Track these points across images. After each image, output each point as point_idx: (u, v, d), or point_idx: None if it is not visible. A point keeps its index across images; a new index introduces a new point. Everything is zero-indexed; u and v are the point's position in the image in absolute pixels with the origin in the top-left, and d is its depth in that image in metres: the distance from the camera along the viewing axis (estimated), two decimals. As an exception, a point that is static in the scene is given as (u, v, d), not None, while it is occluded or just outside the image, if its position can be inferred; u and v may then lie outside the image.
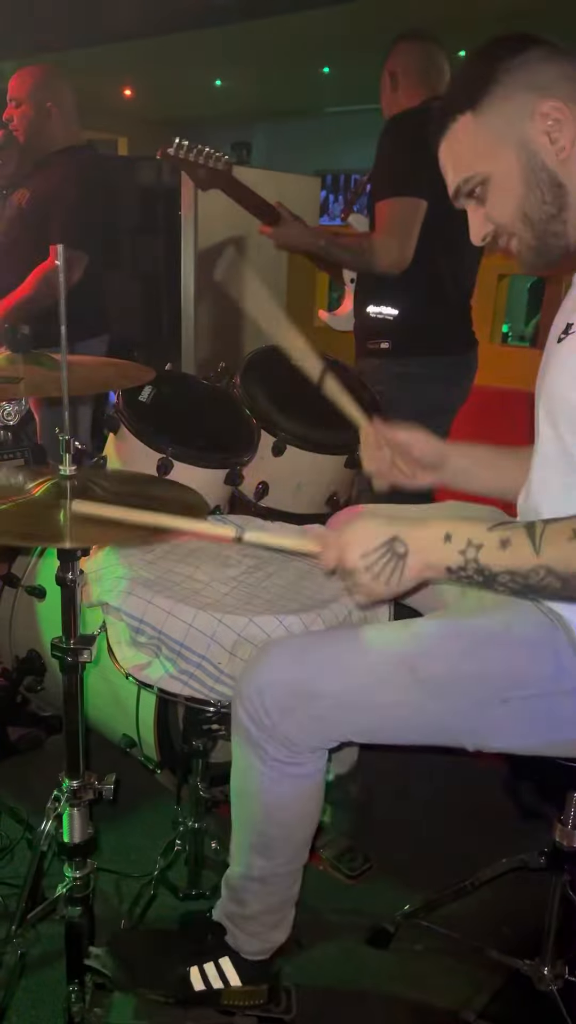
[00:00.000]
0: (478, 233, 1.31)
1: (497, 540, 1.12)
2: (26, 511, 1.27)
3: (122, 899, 1.81)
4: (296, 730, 1.29)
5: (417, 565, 1.17)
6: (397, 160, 2.29)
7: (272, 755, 1.31)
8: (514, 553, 1.11)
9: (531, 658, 1.26)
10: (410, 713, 1.29)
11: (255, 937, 1.47)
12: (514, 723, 1.28)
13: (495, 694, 1.26)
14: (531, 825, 2.05)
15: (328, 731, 1.31)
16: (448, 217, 2.28)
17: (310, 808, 1.41)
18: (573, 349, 1.23)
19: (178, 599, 1.43)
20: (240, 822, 1.41)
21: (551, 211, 1.25)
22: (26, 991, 1.59)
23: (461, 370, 2.53)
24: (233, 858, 1.45)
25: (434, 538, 1.16)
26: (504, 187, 1.25)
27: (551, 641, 1.26)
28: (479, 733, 1.32)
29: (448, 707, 1.28)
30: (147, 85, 9.06)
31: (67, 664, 1.39)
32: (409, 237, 2.24)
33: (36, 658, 2.09)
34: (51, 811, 1.50)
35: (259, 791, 1.35)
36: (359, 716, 1.31)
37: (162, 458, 1.84)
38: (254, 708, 1.29)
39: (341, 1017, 1.58)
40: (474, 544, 1.13)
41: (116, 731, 1.91)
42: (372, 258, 2.28)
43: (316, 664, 1.29)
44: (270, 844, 1.39)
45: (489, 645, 1.28)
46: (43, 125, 2.88)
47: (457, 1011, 1.60)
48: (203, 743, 1.62)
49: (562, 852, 1.53)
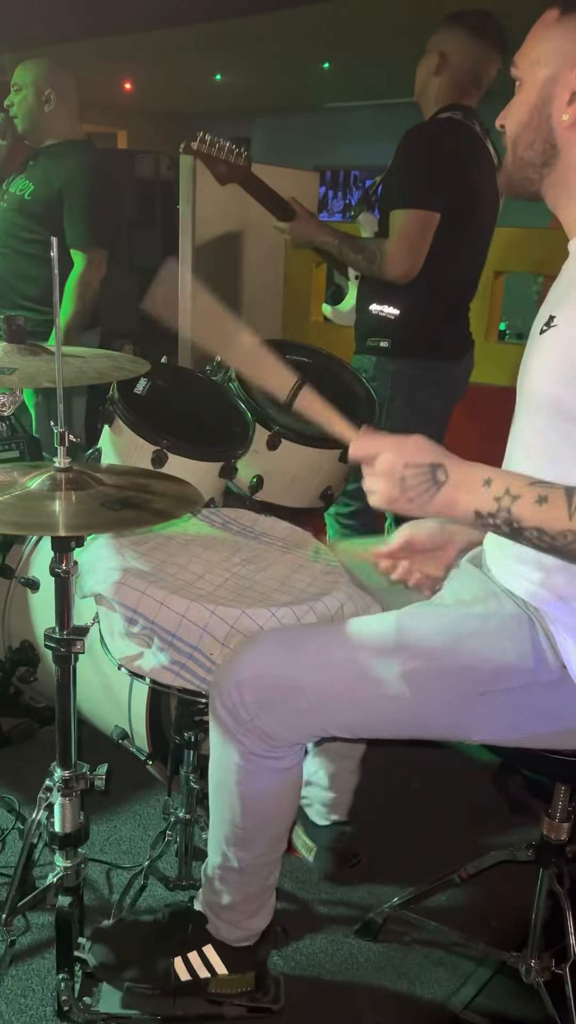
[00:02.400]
0: (500, 118, 1.31)
1: (535, 495, 1.12)
2: (21, 502, 1.28)
3: (112, 889, 1.83)
4: (275, 724, 1.29)
5: (447, 498, 1.17)
6: (417, 170, 2.30)
7: (249, 748, 1.32)
8: (549, 512, 1.11)
9: (510, 651, 1.27)
10: (391, 707, 1.30)
11: (234, 925, 1.47)
12: (495, 716, 1.29)
13: (475, 687, 1.27)
14: (519, 819, 2.06)
15: (308, 726, 1.32)
16: (458, 227, 2.32)
17: (288, 801, 1.42)
18: (556, 341, 1.24)
19: (171, 590, 1.44)
20: (217, 814, 1.42)
21: (533, 159, 1.27)
22: (15, 980, 1.60)
23: (456, 373, 2.56)
24: (210, 848, 1.46)
25: (475, 479, 1.16)
26: (521, 102, 1.27)
27: (530, 635, 1.27)
28: (460, 726, 1.33)
29: (428, 701, 1.29)
30: (147, 79, 9.03)
31: (60, 655, 1.40)
32: (421, 250, 2.27)
33: (29, 649, 2.10)
34: (43, 801, 1.51)
35: (236, 784, 1.35)
36: (340, 711, 1.31)
37: (157, 450, 1.84)
38: (232, 702, 1.30)
39: (329, 1008, 1.59)
40: (511, 494, 1.13)
41: (108, 722, 1.91)
42: (383, 266, 2.30)
43: (297, 659, 1.30)
44: (247, 836, 1.40)
45: (469, 639, 1.29)
46: (42, 114, 2.88)
47: (444, 1002, 1.62)
48: (194, 734, 1.63)
49: (549, 845, 1.54)
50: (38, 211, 2.81)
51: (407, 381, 2.43)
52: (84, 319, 2.86)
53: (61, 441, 1.32)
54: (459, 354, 2.54)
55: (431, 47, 2.40)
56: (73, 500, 1.29)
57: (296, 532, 1.79)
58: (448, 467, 1.18)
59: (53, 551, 1.35)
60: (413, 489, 1.18)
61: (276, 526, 1.80)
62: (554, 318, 1.26)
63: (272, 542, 1.73)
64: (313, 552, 1.69)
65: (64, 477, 1.32)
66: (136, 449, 1.87)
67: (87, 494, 1.31)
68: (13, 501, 1.27)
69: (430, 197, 2.25)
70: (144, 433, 1.86)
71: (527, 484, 1.13)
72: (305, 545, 1.74)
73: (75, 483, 1.32)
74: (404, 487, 1.18)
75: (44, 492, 1.30)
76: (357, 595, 1.52)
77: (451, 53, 2.36)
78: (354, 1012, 1.59)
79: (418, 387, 2.45)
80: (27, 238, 2.85)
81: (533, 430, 1.30)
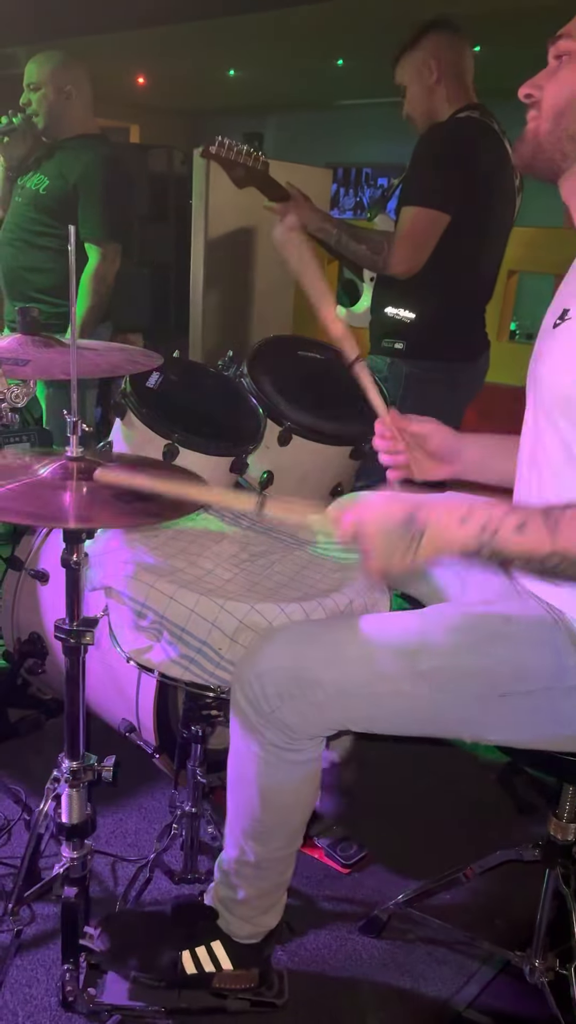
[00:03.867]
0: (526, 87, 1.29)
1: (513, 524, 1.11)
2: (33, 492, 1.28)
3: (118, 882, 1.83)
4: (295, 717, 1.29)
5: (433, 545, 1.16)
6: (434, 169, 2.30)
7: (270, 740, 1.32)
8: (529, 538, 1.10)
9: (532, 654, 1.27)
10: (409, 704, 1.29)
11: (247, 921, 1.48)
12: (513, 717, 1.29)
13: (495, 689, 1.27)
14: (526, 818, 2.06)
15: (327, 719, 1.32)
16: (474, 230, 2.31)
17: (306, 794, 1.42)
18: (571, 334, 1.23)
19: (181, 584, 1.44)
20: (236, 807, 1.42)
21: (574, 134, 1.24)
22: (21, 969, 1.60)
23: (470, 375, 2.56)
24: (227, 843, 1.46)
25: (450, 520, 1.15)
26: (571, 76, 1.24)
27: (552, 638, 1.27)
28: (477, 726, 1.32)
29: (447, 700, 1.29)
30: (161, 74, 9.03)
31: (69, 646, 1.40)
32: (426, 249, 2.27)
33: (38, 640, 2.10)
34: (50, 791, 1.51)
35: (256, 776, 1.36)
36: (358, 705, 1.31)
37: (168, 444, 1.84)
38: (253, 693, 1.30)
39: (332, 1004, 1.59)
40: (489, 528, 1.12)
41: (115, 715, 1.92)
42: (388, 259, 2.31)
43: (317, 652, 1.30)
44: (265, 829, 1.40)
45: (490, 640, 1.29)
46: (63, 109, 2.87)
47: (447, 1001, 1.61)
48: (202, 728, 1.63)
49: (556, 845, 1.54)
50: (52, 206, 2.81)
51: (421, 382, 2.43)
52: (98, 313, 2.86)
53: (74, 430, 1.32)
54: (475, 356, 2.54)
55: (420, 59, 2.39)
56: (84, 491, 1.29)
57: (306, 528, 1.79)
58: (419, 515, 1.17)
59: (64, 542, 1.35)
60: (396, 550, 1.17)
61: (286, 522, 1.80)
62: (568, 311, 1.25)
63: (282, 537, 1.73)
64: (318, 540, 1.69)
65: (76, 466, 1.32)
66: (148, 443, 1.87)
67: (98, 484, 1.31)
68: (25, 490, 1.27)
69: (443, 198, 2.25)
70: (156, 427, 1.86)
71: (502, 514, 1.12)
72: (314, 540, 1.73)
73: (87, 473, 1.32)
74: (387, 552, 1.18)
75: (56, 482, 1.30)
76: (366, 591, 1.52)
77: (441, 59, 2.37)
78: (357, 1008, 1.59)
79: (432, 388, 2.44)
80: (41, 232, 2.85)
81: (546, 427, 1.29)
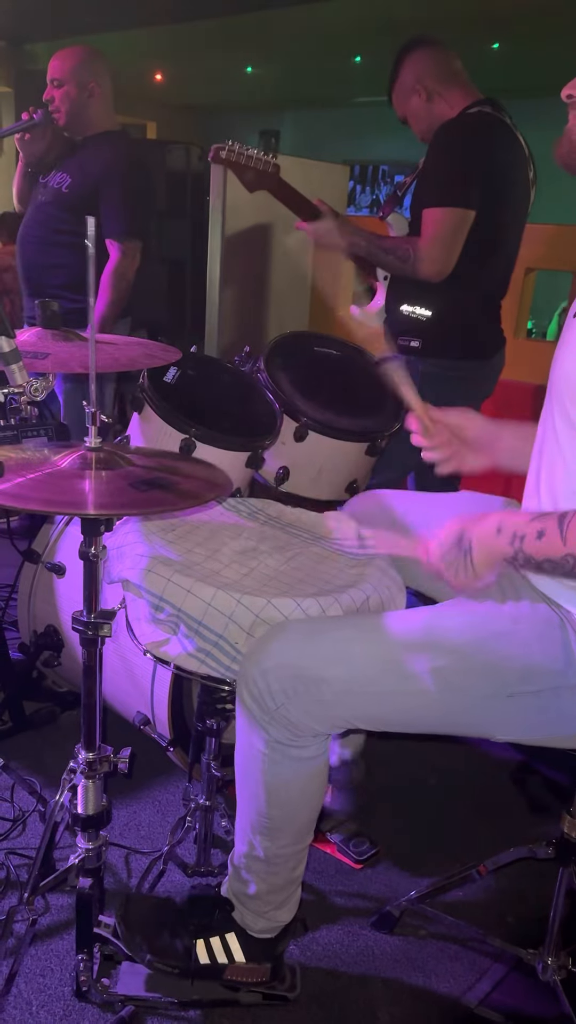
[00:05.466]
0: (569, 87, 1.28)
1: (536, 530, 1.18)
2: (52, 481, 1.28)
3: (131, 874, 1.84)
4: (299, 714, 1.30)
5: (483, 557, 1.25)
6: (450, 168, 2.29)
7: (274, 737, 1.32)
8: (548, 542, 1.16)
9: (540, 653, 1.27)
10: (416, 703, 1.30)
11: (261, 916, 1.48)
12: (521, 716, 1.29)
13: (503, 688, 1.27)
14: (540, 816, 2.06)
15: (332, 716, 1.33)
16: (492, 226, 2.30)
17: (312, 791, 1.42)
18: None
19: (198, 578, 1.44)
20: (243, 802, 1.43)
21: None
22: (35, 959, 1.61)
23: (487, 372, 2.55)
24: (237, 837, 1.47)
25: (489, 531, 1.24)
26: None
27: (560, 637, 1.27)
28: (485, 724, 1.33)
29: (454, 698, 1.29)
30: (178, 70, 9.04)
31: (87, 638, 1.41)
32: (455, 248, 2.26)
33: (54, 633, 2.12)
34: (66, 782, 1.52)
35: (261, 772, 1.36)
36: (364, 703, 1.32)
37: (185, 438, 1.85)
38: (258, 690, 1.30)
39: (344, 999, 1.60)
40: (518, 535, 1.20)
41: (130, 708, 1.93)
42: (416, 265, 2.29)
43: (323, 650, 1.30)
44: (273, 825, 1.40)
45: (498, 639, 1.29)
46: (86, 105, 2.87)
47: (459, 997, 1.62)
48: (217, 722, 1.64)
49: (570, 844, 1.53)
50: (75, 203, 2.81)
51: (437, 380, 2.42)
52: (118, 310, 2.87)
53: (93, 421, 1.33)
54: (491, 353, 2.53)
55: (408, 85, 2.40)
56: (103, 478, 1.29)
57: (322, 523, 1.79)
58: (466, 532, 1.27)
59: (83, 534, 1.36)
60: (458, 566, 1.28)
61: (302, 517, 1.80)
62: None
63: (298, 532, 1.73)
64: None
65: (95, 456, 1.33)
66: (164, 437, 1.88)
67: (116, 473, 1.32)
68: (44, 479, 1.28)
69: (465, 195, 2.24)
70: (173, 421, 1.87)
71: (527, 521, 1.20)
72: (331, 536, 1.74)
73: (105, 462, 1.32)
74: (453, 569, 1.29)
75: (75, 471, 1.31)
76: (383, 587, 1.52)
77: (424, 77, 2.37)
78: (369, 1004, 1.59)
79: (448, 386, 2.43)
80: (63, 230, 2.84)
81: (563, 420, 1.29)
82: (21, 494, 1.22)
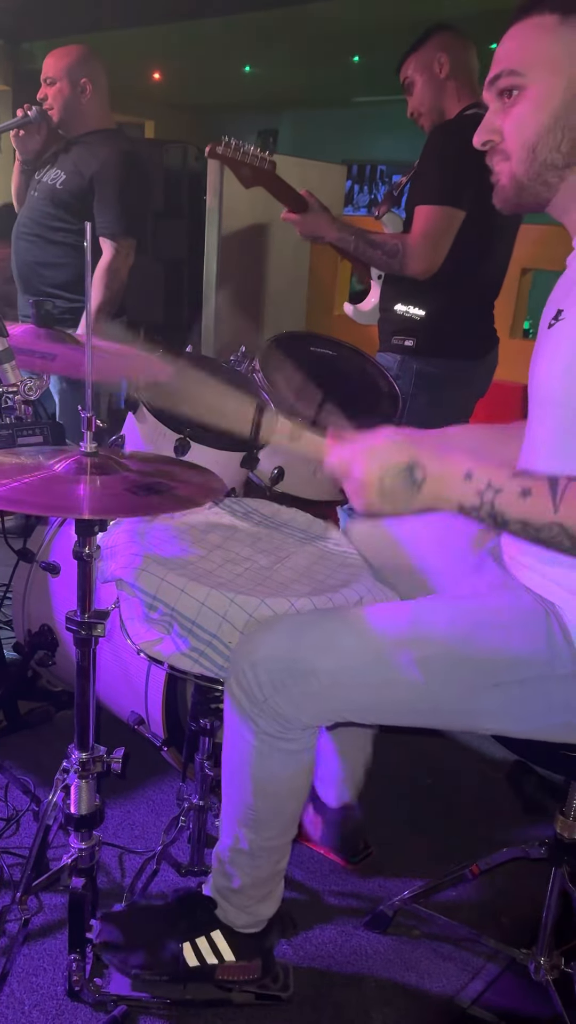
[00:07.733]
0: (482, 134, 1.26)
1: (518, 488, 1.12)
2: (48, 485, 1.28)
3: (124, 873, 1.84)
4: (288, 706, 1.30)
5: (431, 495, 1.17)
6: (444, 168, 2.30)
7: (263, 729, 1.33)
8: (532, 505, 1.10)
9: (524, 643, 1.27)
10: (402, 694, 1.30)
11: (243, 910, 1.48)
12: (507, 707, 1.30)
13: (488, 678, 1.28)
14: (533, 816, 2.06)
15: (320, 708, 1.33)
16: (486, 227, 2.31)
17: (299, 784, 1.43)
18: (564, 334, 1.23)
19: (192, 578, 1.45)
20: (229, 795, 1.43)
21: (557, 161, 1.22)
22: (28, 959, 1.61)
23: (480, 371, 2.56)
24: (222, 830, 1.47)
25: (454, 473, 1.16)
26: (533, 107, 1.21)
27: (544, 626, 1.27)
28: (472, 715, 1.33)
29: (441, 689, 1.29)
30: (176, 69, 9.03)
31: (80, 637, 1.41)
32: (443, 246, 2.27)
33: (48, 632, 2.11)
34: (59, 782, 1.52)
35: (249, 764, 1.37)
36: (351, 695, 1.32)
37: (179, 439, 1.85)
38: (247, 681, 1.31)
39: (337, 999, 1.60)
40: (493, 487, 1.13)
41: (124, 707, 1.93)
42: (404, 260, 2.30)
43: (311, 641, 1.31)
44: (258, 818, 1.41)
45: (482, 629, 1.29)
46: (79, 103, 2.87)
47: (452, 997, 1.62)
48: (211, 722, 1.64)
49: (563, 844, 1.54)
50: (69, 200, 2.82)
51: (431, 379, 2.43)
52: (111, 308, 2.87)
53: (88, 426, 1.33)
54: (484, 353, 2.54)
55: (429, 54, 2.41)
56: (98, 484, 1.30)
57: (316, 523, 1.79)
58: (423, 464, 1.17)
59: (77, 534, 1.36)
60: (393, 493, 1.18)
61: (297, 517, 1.81)
62: (562, 311, 1.25)
63: (293, 533, 1.73)
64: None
65: (90, 461, 1.33)
66: (159, 436, 1.87)
67: (112, 479, 1.32)
68: (39, 483, 1.28)
69: (456, 194, 2.25)
70: (167, 421, 1.86)
71: (509, 476, 1.13)
72: (325, 536, 1.74)
73: (101, 467, 1.32)
74: (383, 493, 1.19)
75: (70, 476, 1.31)
76: (377, 587, 1.52)
77: (449, 57, 2.38)
78: (362, 1004, 1.59)
79: (442, 385, 2.45)
80: (57, 227, 2.85)
81: (543, 427, 1.30)
82: (18, 499, 1.22)
